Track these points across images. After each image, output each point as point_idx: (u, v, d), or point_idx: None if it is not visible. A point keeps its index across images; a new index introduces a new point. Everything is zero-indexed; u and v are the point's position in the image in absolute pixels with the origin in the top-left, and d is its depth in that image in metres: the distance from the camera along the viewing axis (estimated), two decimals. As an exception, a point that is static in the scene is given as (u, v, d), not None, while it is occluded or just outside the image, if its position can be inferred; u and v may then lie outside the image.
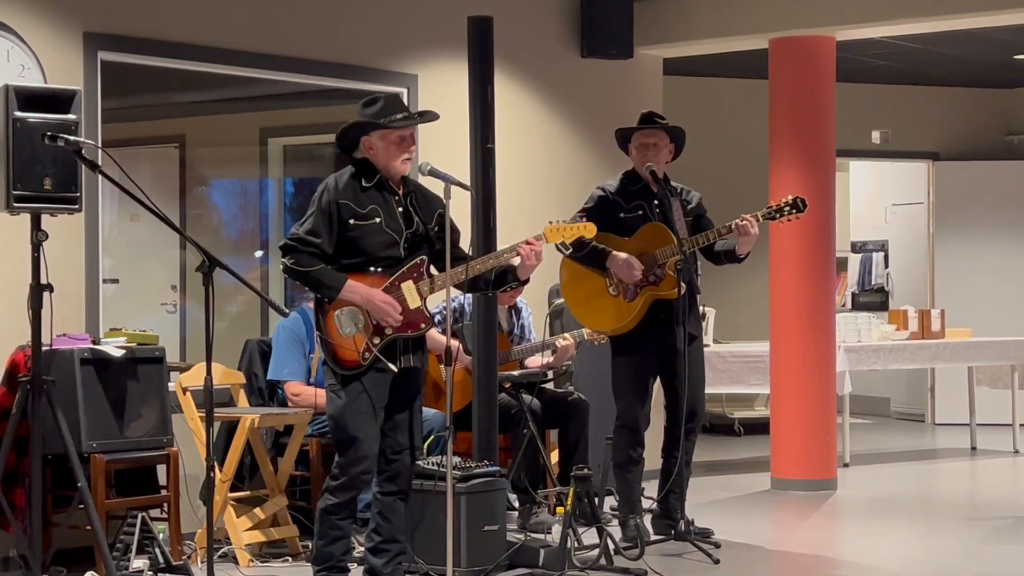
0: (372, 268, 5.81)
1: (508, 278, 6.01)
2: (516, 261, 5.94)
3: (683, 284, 7.12)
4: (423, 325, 5.88)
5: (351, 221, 5.78)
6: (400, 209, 5.89)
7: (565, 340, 7.96)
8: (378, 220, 5.82)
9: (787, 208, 7.28)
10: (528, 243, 5.89)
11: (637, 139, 7.41)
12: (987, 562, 7.29)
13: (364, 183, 5.85)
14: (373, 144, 5.87)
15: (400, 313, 5.78)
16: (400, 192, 5.92)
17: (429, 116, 6.12)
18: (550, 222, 6.07)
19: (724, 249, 7.38)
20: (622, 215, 7.35)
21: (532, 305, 8.39)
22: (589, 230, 6.12)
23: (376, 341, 5.78)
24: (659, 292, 7.23)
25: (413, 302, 5.83)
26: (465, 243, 6.62)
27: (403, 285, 5.83)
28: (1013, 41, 11.15)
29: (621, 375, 7.41)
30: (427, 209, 5.98)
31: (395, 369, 5.80)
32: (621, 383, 7.41)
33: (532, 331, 8.22)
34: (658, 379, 7.48)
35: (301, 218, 5.86)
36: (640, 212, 7.35)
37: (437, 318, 7.79)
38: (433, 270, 5.93)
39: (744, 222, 7.16)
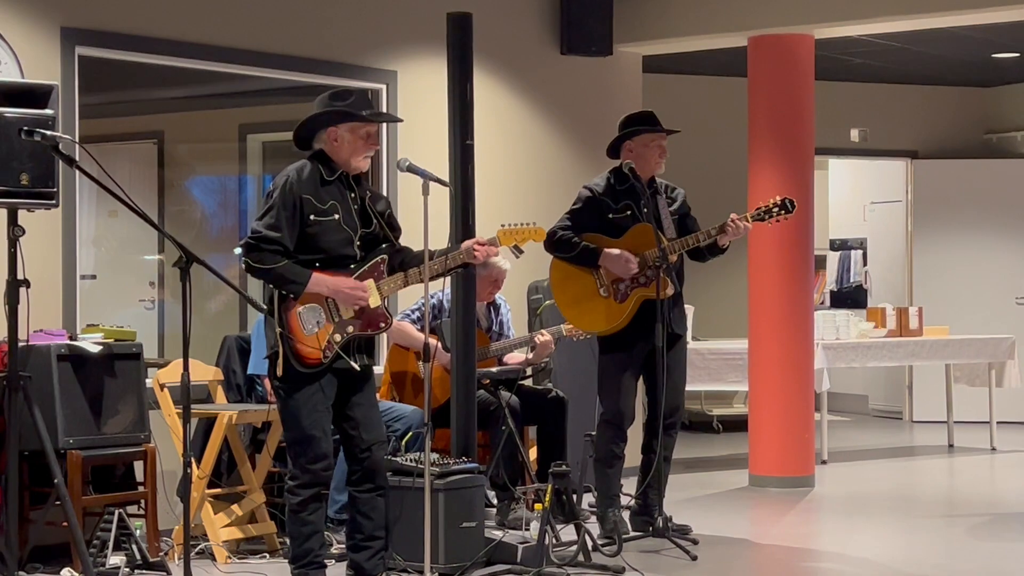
0: (333, 267, 5.76)
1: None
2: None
3: (670, 284, 7.14)
4: (382, 324, 5.86)
5: (311, 217, 5.71)
6: (356, 207, 5.85)
7: (543, 336, 7.96)
8: (336, 217, 5.76)
9: (776, 209, 7.30)
10: (481, 245, 5.88)
11: (656, 139, 7.40)
12: (965, 558, 7.31)
13: (325, 176, 5.80)
14: (340, 136, 5.81)
15: (358, 317, 5.75)
16: (357, 190, 5.88)
17: (396, 118, 6.14)
18: (502, 225, 6.06)
19: (706, 243, 7.39)
20: (611, 215, 7.36)
21: (511, 302, 8.38)
22: (539, 234, 6.13)
23: (338, 339, 5.75)
24: (649, 293, 7.24)
25: (374, 301, 5.80)
26: (443, 238, 6.61)
27: (365, 284, 5.80)
28: (992, 40, 11.18)
29: (607, 372, 7.43)
30: (378, 206, 5.94)
31: (357, 367, 5.76)
32: (607, 379, 7.43)
33: (511, 327, 8.21)
34: (641, 376, 7.50)
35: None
36: (629, 212, 7.36)
37: (416, 315, 7.79)
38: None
39: (736, 224, 7.18)
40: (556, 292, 7.53)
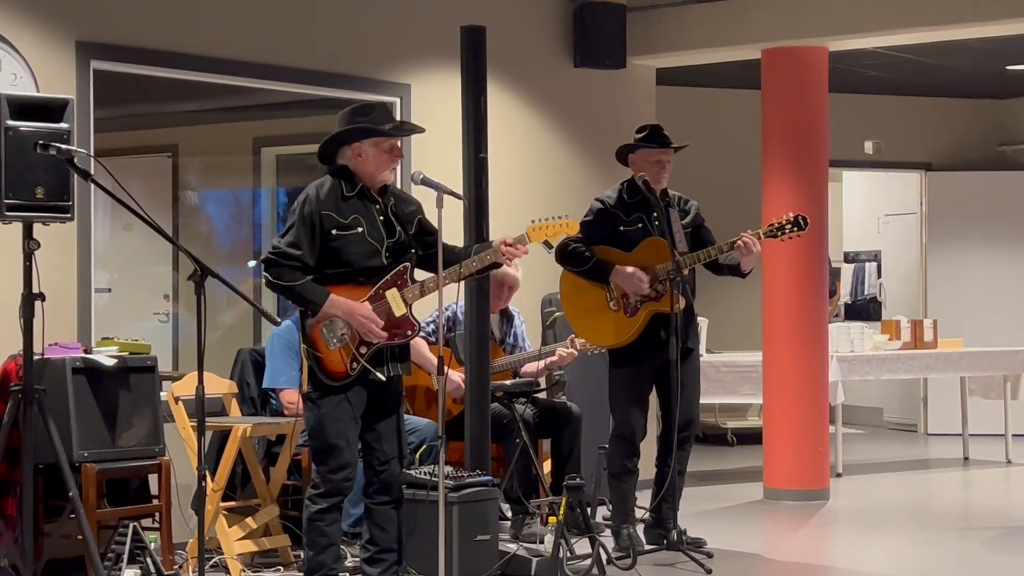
0: (362, 278, 5.80)
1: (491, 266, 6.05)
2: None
3: (682, 298, 7.13)
4: (409, 332, 5.88)
5: (333, 231, 5.77)
6: (382, 218, 5.88)
7: (567, 350, 7.92)
8: (360, 230, 5.80)
9: (788, 226, 7.29)
10: (509, 245, 5.89)
11: (653, 155, 7.39)
12: (980, 572, 7.29)
13: (346, 192, 5.84)
14: (364, 151, 5.86)
15: (384, 328, 5.77)
16: (381, 201, 5.91)
17: (418, 129, 6.16)
18: (532, 221, 6.05)
19: (728, 263, 7.38)
20: (622, 228, 7.36)
21: (525, 314, 8.37)
22: (571, 227, 6.11)
23: (363, 351, 5.77)
24: (660, 307, 7.23)
25: (398, 309, 5.82)
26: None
27: (387, 293, 5.82)
28: (1005, 52, 11.16)
29: (619, 386, 7.42)
30: (406, 212, 5.97)
31: (383, 378, 5.80)
32: (619, 394, 7.42)
33: (525, 339, 8.20)
34: (654, 390, 7.49)
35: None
36: (640, 225, 7.35)
37: (430, 328, 7.76)
38: (417, 275, 5.93)
39: (747, 240, 7.17)
40: (566, 304, 7.54)
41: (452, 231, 6.15)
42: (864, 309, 14.52)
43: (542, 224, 6.03)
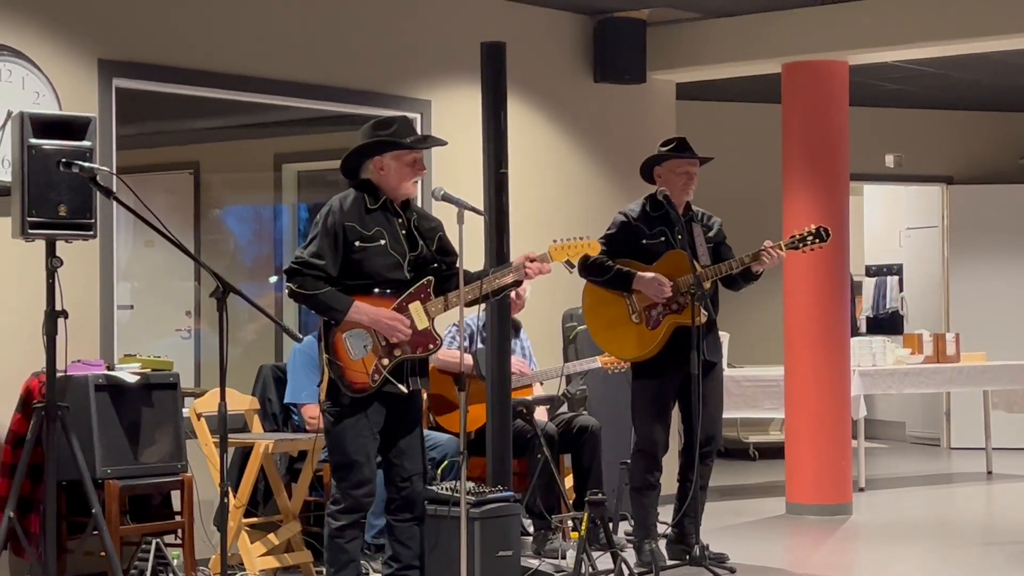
0: (377, 290, 5.81)
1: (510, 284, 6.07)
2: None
3: (704, 311, 7.12)
4: (431, 346, 5.89)
5: (356, 243, 5.79)
6: (404, 232, 5.90)
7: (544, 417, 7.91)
8: (383, 242, 5.83)
9: (810, 238, 7.29)
10: (534, 261, 5.90)
11: (681, 166, 7.39)
12: (1004, 587, 7.27)
13: (369, 205, 5.86)
14: (386, 165, 5.88)
15: (408, 330, 5.79)
16: (404, 215, 5.93)
17: (440, 141, 6.18)
18: (554, 240, 6.07)
19: (739, 271, 7.37)
20: (644, 241, 7.36)
21: (546, 330, 8.35)
22: (593, 247, 6.13)
23: (385, 363, 5.78)
24: (681, 320, 7.22)
25: (421, 323, 5.84)
26: (476, 266, 6.62)
27: (411, 306, 5.84)
28: (1027, 65, 11.15)
29: (640, 400, 7.41)
30: (427, 228, 6.00)
31: (405, 391, 5.80)
32: (640, 408, 7.41)
33: (532, 357, 8.15)
34: (676, 404, 7.48)
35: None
36: (663, 239, 7.35)
37: (448, 339, 7.75)
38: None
39: (771, 251, 7.17)
40: (588, 317, 7.54)
41: (473, 247, 6.16)
42: (886, 323, 14.49)
43: (564, 244, 6.05)
